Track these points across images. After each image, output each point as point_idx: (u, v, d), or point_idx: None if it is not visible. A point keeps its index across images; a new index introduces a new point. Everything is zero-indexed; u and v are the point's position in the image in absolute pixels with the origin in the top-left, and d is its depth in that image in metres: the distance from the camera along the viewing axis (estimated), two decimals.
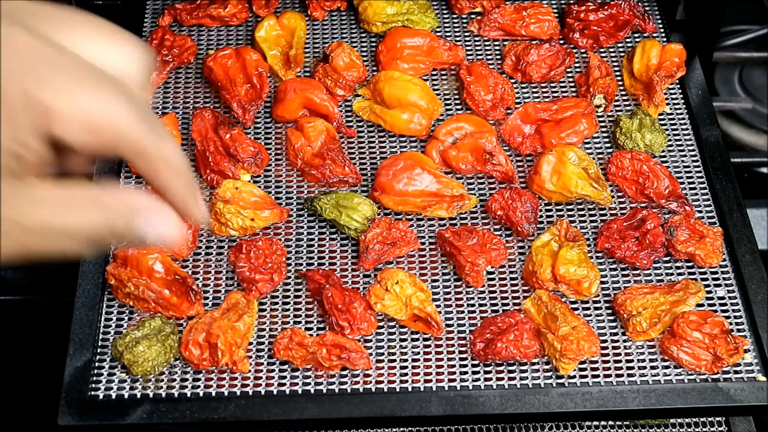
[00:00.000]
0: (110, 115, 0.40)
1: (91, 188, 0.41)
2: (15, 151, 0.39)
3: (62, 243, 0.41)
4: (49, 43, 0.39)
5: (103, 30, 0.42)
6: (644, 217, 0.63)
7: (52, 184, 0.40)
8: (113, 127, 0.40)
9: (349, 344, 0.56)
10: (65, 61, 0.39)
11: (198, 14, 0.76)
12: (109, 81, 0.40)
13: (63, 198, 0.41)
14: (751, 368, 0.57)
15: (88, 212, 0.41)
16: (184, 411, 0.55)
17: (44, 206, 0.40)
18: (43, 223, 0.40)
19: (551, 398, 0.55)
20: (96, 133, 0.40)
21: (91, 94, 0.39)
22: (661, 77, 0.70)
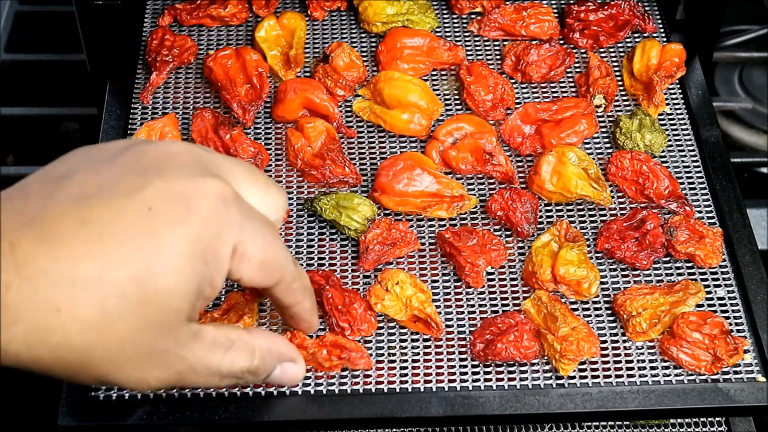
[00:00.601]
0: (280, 259, 0.48)
1: (242, 332, 0.48)
2: (204, 291, 0.44)
3: (212, 380, 0.47)
4: (238, 194, 0.45)
5: (257, 178, 0.49)
6: (644, 217, 0.63)
7: (212, 326, 0.47)
8: (280, 268, 0.48)
9: (349, 344, 0.57)
10: (251, 211, 0.46)
11: (198, 14, 0.76)
12: (274, 229, 0.48)
13: (223, 341, 0.47)
14: (750, 369, 0.57)
15: (243, 357, 0.48)
16: (184, 412, 0.55)
17: (212, 350, 0.46)
18: (205, 363, 0.46)
19: (551, 399, 0.55)
20: (267, 271, 0.47)
21: (270, 242, 0.46)
22: (661, 77, 0.70)
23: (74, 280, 0.40)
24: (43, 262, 0.40)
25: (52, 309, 0.40)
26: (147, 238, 0.42)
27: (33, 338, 0.40)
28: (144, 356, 0.43)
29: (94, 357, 0.41)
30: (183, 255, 0.42)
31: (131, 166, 0.44)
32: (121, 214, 0.42)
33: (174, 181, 0.43)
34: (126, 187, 0.42)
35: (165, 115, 0.69)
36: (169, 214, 0.42)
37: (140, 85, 0.72)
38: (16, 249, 0.39)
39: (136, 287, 0.41)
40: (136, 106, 0.71)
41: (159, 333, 0.43)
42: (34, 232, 0.40)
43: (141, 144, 0.46)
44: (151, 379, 0.44)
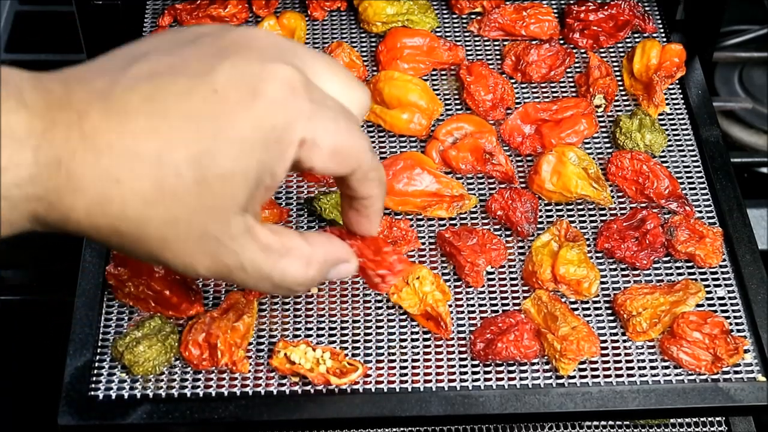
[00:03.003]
0: (356, 147, 0.46)
1: (300, 240, 0.47)
2: (263, 180, 0.43)
3: (263, 285, 0.46)
4: (310, 82, 0.44)
5: (338, 70, 0.48)
6: (644, 217, 0.63)
7: (268, 229, 0.46)
8: (356, 156, 0.46)
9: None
10: (325, 100, 0.45)
11: (198, 14, 0.76)
12: (352, 118, 0.47)
13: (280, 248, 0.46)
14: (750, 368, 0.57)
15: (296, 267, 0.47)
16: (184, 411, 0.55)
17: (266, 254, 0.45)
18: (256, 265, 0.45)
19: (551, 398, 0.55)
20: (340, 159, 0.45)
21: (344, 130, 0.45)
22: (661, 77, 0.70)
23: (135, 154, 0.40)
24: (108, 134, 0.40)
25: (113, 180, 0.40)
26: (209, 120, 0.41)
27: (93, 207, 0.41)
28: (195, 239, 0.43)
29: (147, 232, 0.42)
30: (244, 140, 0.42)
31: (207, 48, 0.44)
32: (187, 94, 0.42)
33: (243, 64, 0.43)
34: (196, 68, 0.42)
35: None
36: (234, 97, 0.42)
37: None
38: (83, 119, 0.40)
39: (192, 168, 0.41)
40: None
41: (211, 217, 0.43)
42: (103, 105, 0.41)
43: (225, 29, 0.46)
44: (199, 266, 0.44)
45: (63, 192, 0.40)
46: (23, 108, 0.39)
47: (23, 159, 0.39)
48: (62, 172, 0.40)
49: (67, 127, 0.40)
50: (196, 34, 0.45)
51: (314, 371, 0.56)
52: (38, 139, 0.39)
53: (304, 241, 0.47)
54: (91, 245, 0.62)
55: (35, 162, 0.39)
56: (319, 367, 0.56)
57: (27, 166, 0.39)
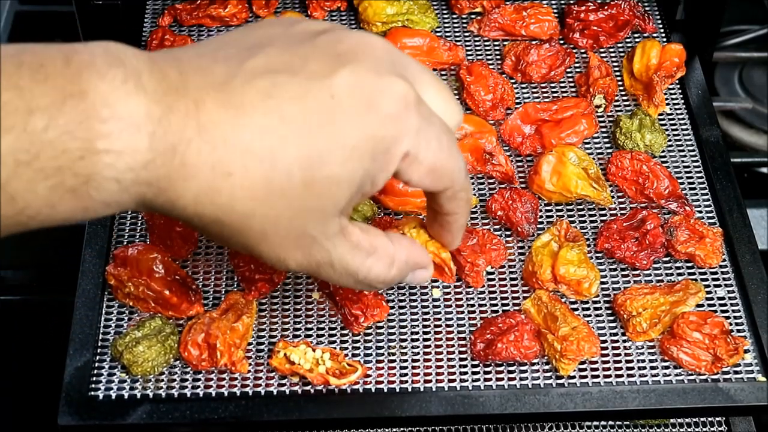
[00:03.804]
0: (452, 166, 0.47)
1: (385, 239, 0.49)
2: (364, 186, 0.45)
3: (346, 280, 0.48)
4: (421, 99, 0.45)
5: (441, 86, 0.49)
6: (644, 217, 0.63)
7: (358, 228, 0.47)
8: (451, 175, 0.48)
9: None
10: (431, 117, 0.46)
11: (198, 14, 0.76)
12: (452, 137, 0.48)
13: (368, 247, 0.48)
14: (750, 368, 0.57)
15: (381, 266, 0.48)
16: (184, 411, 0.55)
17: (354, 252, 0.47)
18: (344, 263, 0.47)
19: (551, 398, 0.55)
20: (436, 176, 0.47)
21: (445, 149, 0.46)
22: (661, 77, 0.70)
23: (249, 149, 0.41)
24: (223, 126, 0.41)
25: (225, 172, 0.41)
26: (323, 124, 0.42)
27: (201, 196, 0.41)
28: (293, 237, 0.44)
29: (249, 225, 0.43)
30: (354, 147, 0.43)
31: (325, 49, 0.44)
32: (304, 96, 0.42)
33: (362, 73, 0.44)
34: (314, 70, 0.43)
35: None
36: (350, 105, 0.43)
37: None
38: (200, 109, 0.41)
39: (303, 169, 0.42)
40: None
41: (312, 218, 0.44)
42: (220, 96, 0.41)
43: (340, 30, 0.46)
44: (290, 260, 0.45)
45: (174, 179, 0.41)
46: (142, 92, 0.40)
47: (140, 144, 0.39)
48: (176, 160, 0.40)
49: (185, 115, 0.40)
50: (311, 31, 0.46)
51: (314, 372, 0.56)
52: (155, 125, 0.40)
53: (389, 241, 0.49)
54: (91, 245, 0.62)
55: (151, 148, 0.40)
56: (318, 367, 0.56)
57: (143, 151, 0.40)
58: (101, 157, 0.39)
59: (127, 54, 0.41)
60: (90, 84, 0.39)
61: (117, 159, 0.39)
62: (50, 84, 0.38)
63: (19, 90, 0.37)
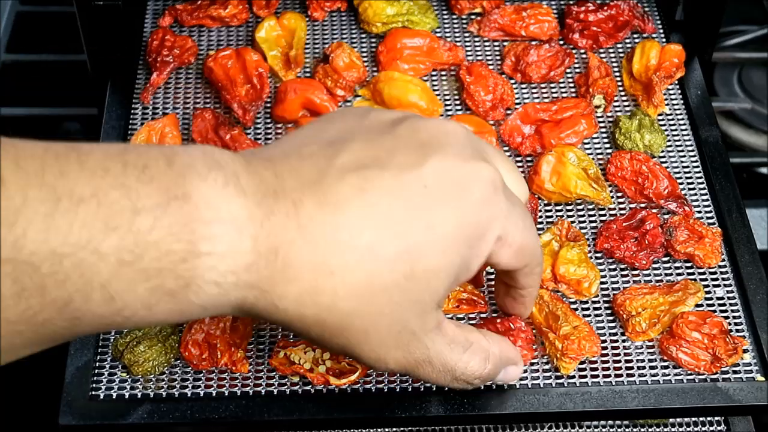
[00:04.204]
0: (534, 242, 0.48)
1: (479, 335, 0.49)
2: (460, 275, 0.45)
3: (444, 378, 0.48)
4: (504, 182, 0.46)
5: (512, 167, 0.50)
6: (643, 217, 0.63)
7: (453, 323, 0.47)
8: (533, 251, 0.49)
9: None
10: (514, 199, 0.47)
11: (198, 15, 0.76)
12: (527, 212, 0.48)
13: (462, 341, 0.47)
14: (749, 368, 0.57)
15: (477, 361, 0.48)
16: (184, 411, 0.55)
17: (451, 347, 0.47)
18: (443, 359, 0.47)
19: (551, 398, 0.56)
20: (522, 256, 0.48)
21: (528, 228, 0.47)
22: (661, 78, 0.70)
23: (350, 246, 0.41)
24: (323, 226, 0.41)
25: (327, 272, 0.41)
26: (420, 214, 0.42)
27: (304, 297, 0.41)
28: (394, 333, 0.44)
29: (351, 323, 0.42)
30: (451, 236, 0.43)
31: (407, 140, 0.44)
32: (397, 188, 0.42)
33: (451, 161, 0.44)
34: (403, 162, 0.43)
35: (165, 116, 0.69)
36: (444, 193, 0.43)
37: (141, 85, 0.72)
38: (299, 209, 0.41)
39: (403, 262, 0.42)
40: (136, 106, 0.71)
41: (413, 312, 0.43)
42: (317, 195, 0.41)
43: (416, 118, 0.46)
44: (390, 360, 0.45)
45: (276, 281, 0.41)
46: (242, 195, 0.40)
47: (243, 247, 0.39)
48: (278, 261, 0.40)
49: (285, 216, 0.40)
50: (386, 121, 0.46)
51: (314, 371, 0.56)
52: (257, 227, 0.40)
53: (483, 337, 0.49)
54: None
55: (253, 250, 0.40)
56: (318, 367, 0.56)
57: (246, 254, 0.39)
58: (204, 260, 0.39)
59: (224, 157, 0.41)
60: (192, 186, 0.39)
61: (219, 262, 0.39)
62: (155, 185, 0.38)
63: (126, 189, 0.37)
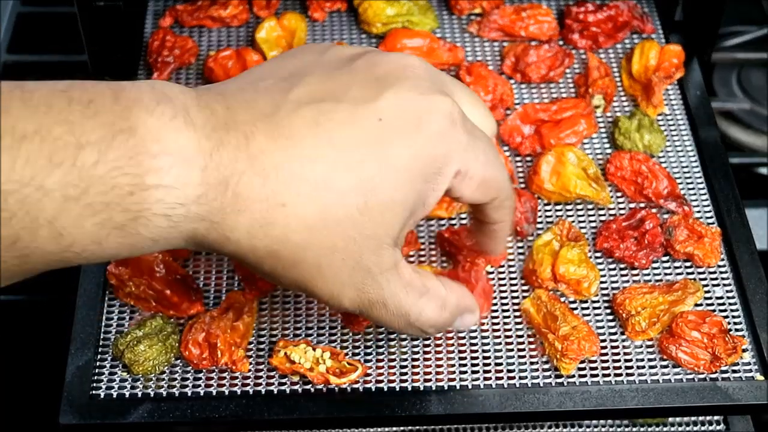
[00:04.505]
0: (499, 177, 0.48)
1: (437, 282, 0.48)
2: (416, 210, 0.44)
3: (397, 323, 0.47)
4: (464, 114, 0.45)
5: (476, 100, 0.49)
6: (643, 217, 0.63)
7: (411, 267, 0.46)
8: (498, 186, 0.48)
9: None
10: (476, 132, 0.46)
11: (199, 15, 0.76)
12: (494, 146, 0.48)
13: (420, 287, 0.47)
14: (749, 368, 0.57)
15: (433, 308, 0.48)
16: (185, 410, 0.55)
17: (407, 290, 0.46)
18: (397, 301, 0.46)
19: (550, 397, 0.56)
20: (486, 189, 0.47)
21: (492, 161, 0.47)
22: (660, 78, 0.70)
23: (302, 178, 0.41)
24: (275, 157, 0.41)
25: (278, 204, 0.41)
26: (374, 148, 0.42)
27: (255, 229, 0.41)
28: (347, 268, 0.43)
29: (304, 257, 0.42)
30: (406, 169, 0.43)
31: (364, 74, 0.44)
32: (352, 121, 0.42)
33: (406, 94, 0.44)
34: (358, 95, 0.43)
35: None
36: (399, 127, 0.43)
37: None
38: (250, 141, 0.41)
39: (357, 195, 0.42)
40: None
41: (367, 247, 0.43)
42: (269, 128, 0.41)
43: (375, 53, 0.46)
44: (344, 298, 0.45)
45: (227, 213, 0.40)
46: (191, 127, 0.40)
47: (191, 179, 0.39)
48: (228, 193, 0.40)
49: (235, 148, 0.40)
50: (345, 56, 0.46)
51: (314, 371, 0.56)
52: (206, 159, 0.40)
53: (440, 283, 0.49)
54: None
55: (202, 182, 0.40)
56: (319, 366, 0.56)
57: (194, 186, 0.39)
58: (151, 192, 0.39)
59: (173, 90, 0.41)
60: (139, 120, 0.39)
61: (167, 194, 0.39)
62: (100, 120, 0.38)
63: (69, 125, 0.37)
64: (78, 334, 0.58)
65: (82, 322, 0.59)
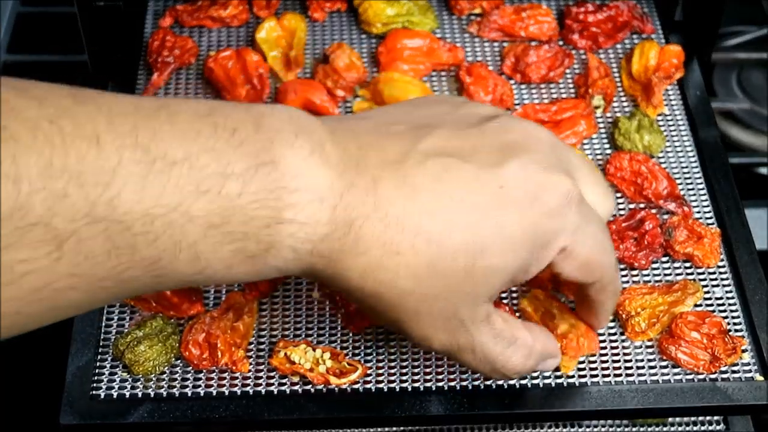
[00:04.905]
0: (604, 263, 0.49)
1: (525, 331, 0.49)
2: (516, 277, 0.46)
3: (482, 368, 0.49)
4: (582, 197, 0.47)
5: (598, 180, 0.50)
6: (643, 217, 0.63)
7: (501, 317, 0.48)
8: (601, 270, 0.49)
9: None
10: (590, 214, 0.47)
11: (199, 16, 0.76)
12: (606, 231, 0.49)
13: (509, 337, 0.48)
14: (748, 368, 0.57)
15: (519, 357, 0.49)
16: (185, 410, 0.55)
17: (496, 340, 0.47)
18: (486, 350, 0.47)
19: (551, 398, 0.56)
20: (588, 271, 0.48)
21: (600, 246, 0.48)
22: (660, 78, 0.70)
23: (419, 231, 0.42)
24: (397, 206, 0.42)
25: (394, 252, 0.42)
26: (490, 213, 0.43)
27: (368, 271, 0.43)
28: (443, 317, 0.45)
29: (404, 302, 0.44)
30: (516, 239, 0.44)
31: (494, 138, 0.45)
32: (474, 183, 0.43)
33: (531, 166, 0.45)
34: (485, 158, 0.44)
35: None
36: (517, 197, 0.44)
37: (141, 85, 0.73)
38: (378, 186, 0.42)
39: (466, 255, 0.43)
40: None
41: (465, 303, 0.45)
42: (396, 175, 0.42)
43: (508, 118, 0.47)
44: (435, 340, 0.46)
45: (346, 253, 0.42)
46: (327, 165, 0.41)
47: (322, 217, 0.40)
48: (351, 234, 0.41)
49: (364, 191, 0.41)
50: (479, 116, 0.47)
51: (314, 371, 0.56)
52: (337, 199, 0.41)
53: (528, 333, 0.50)
54: None
55: (331, 221, 0.41)
56: (319, 367, 0.56)
57: (323, 224, 0.41)
58: (285, 226, 0.40)
59: (310, 123, 0.42)
60: (279, 153, 0.40)
61: (299, 230, 0.40)
62: (244, 150, 0.39)
63: (216, 153, 0.38)
64: (78, 335, 0.58)
65: (83, 322, 0.59)
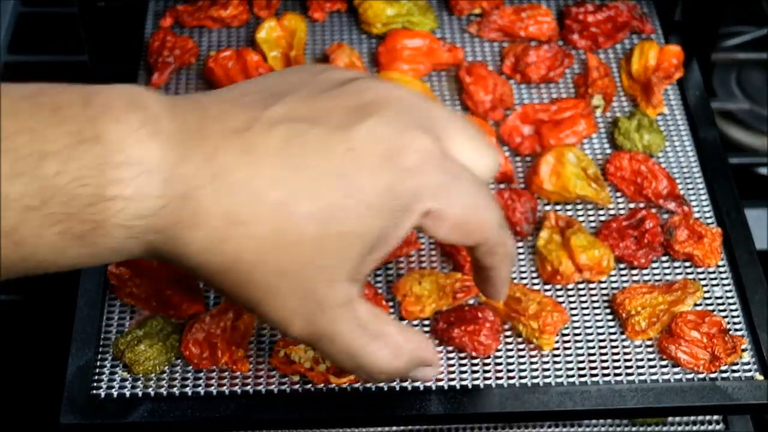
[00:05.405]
0: (482, 221, 0.45)
1: (395, 328, 0.46)
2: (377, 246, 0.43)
3: (346, 362, 0.45)
4: (446, 153, 0.44)
5: (471, 134, 0.46)
6: (643, 217, 0.63)
7: (368, 308, 0.44)
8: (482, 230, 0.45)
9: None
10: (458, 172, 0.44)
11: (199, 16, 0.76)
12: (482, 188, 0.45)
13: (374, 331, 0.45)
14: (748, 367, 0.57)
15: (384, 355, 0.45)
16: (185, 410, 0.55)
17: (357, 330, 0.44)
18: (346, 341, 0.44)
19: (550, 397, 0.56)
20: (464, 232, 0.45)
21: (473, 204, 0.44)
22: (660, 78, 0.70)
23: (262, 199, 0.40)
24: (238, 174, 0.40)
25: (235, 221, 0.40)
26: (339, 177, 0.41)
27: (209, 245, 0.40)
28: (297, 296, 0.42)
29: (255, 278, 0.41)
30: (370, 204, 0.41)
31: (349, 100, 0.43)
32: (322, 147, 0.41)
33: (384, 126, 0.42)
34: (335, 122, 0.42)
35: None
36: (369, 159, 0.41)
37: (142, 85, 0.72)
38: (218, 155, 0.40)
39: (314, 222, 0.41)
40: None
41: (320, 279, 0.42)
42: (239, 143, 0.40)
43: (367, 80, 0.45)
44: (292, 325, 0.43)
45: (183, 226, 0.40)
46: (158, 138, 0.39)
47: (151, 191, 0.38)
48: (187, 207, 0.39)
49: (201, 161, 0.39)
50: (337, 80, 0.44)
51: (314, 370, 0.56)
52: (169, 171, 0.39)
53: (398, 330, 0.46)
54: None
55: (162, 194, 0.39)
56: (318, 366, 0.56)
57: (154, 198, 0.39)
58: (111, 203, 0.38)
59: (148, 98, 0.40)
60: (104, 128, 0.38)
61: (127, 205, 0.38)
62: (66, 128, 0.37)
63: (33, 133, 0.37)
64: (78, 334, 0.58)
65: (83, 322, 0.59)
